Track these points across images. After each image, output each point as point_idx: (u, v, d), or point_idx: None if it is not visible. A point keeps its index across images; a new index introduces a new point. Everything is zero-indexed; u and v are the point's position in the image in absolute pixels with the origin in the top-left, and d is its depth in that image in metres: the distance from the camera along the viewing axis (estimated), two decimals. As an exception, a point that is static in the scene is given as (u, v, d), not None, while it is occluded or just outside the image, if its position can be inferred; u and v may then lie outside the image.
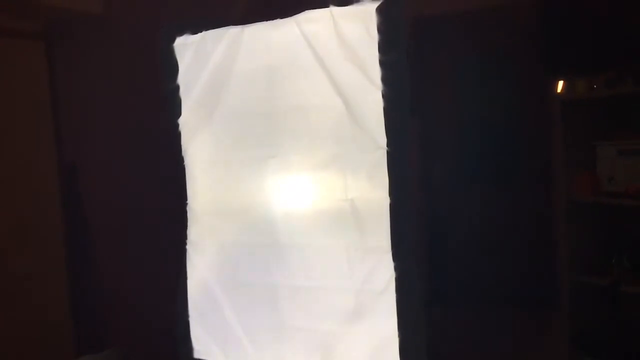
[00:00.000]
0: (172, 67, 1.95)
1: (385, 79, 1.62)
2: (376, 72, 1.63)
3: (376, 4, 1.61)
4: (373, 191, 1.69)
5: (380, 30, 1.61)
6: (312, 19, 1.72)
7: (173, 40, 1.94)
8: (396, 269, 1.67)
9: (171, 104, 1.96)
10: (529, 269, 3.00)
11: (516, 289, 2.99)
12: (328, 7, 1.68)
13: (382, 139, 1.65)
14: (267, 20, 1.79)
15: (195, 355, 2.03)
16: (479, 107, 3.03)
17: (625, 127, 2.74)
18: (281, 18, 1.76)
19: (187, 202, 2.00)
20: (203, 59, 1.90)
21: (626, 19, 2.53)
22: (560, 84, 2.85)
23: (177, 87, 1.96)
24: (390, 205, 1.66)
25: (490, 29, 2.92)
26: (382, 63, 1.62)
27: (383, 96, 1.63)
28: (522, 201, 3.00)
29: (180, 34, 1.93)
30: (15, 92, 2.97)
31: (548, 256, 2.91)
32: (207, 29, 1.88)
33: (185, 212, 1.99)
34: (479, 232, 3.05)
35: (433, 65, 2.90)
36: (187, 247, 2.01)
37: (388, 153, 1.65)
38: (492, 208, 3.08)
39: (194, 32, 1.91)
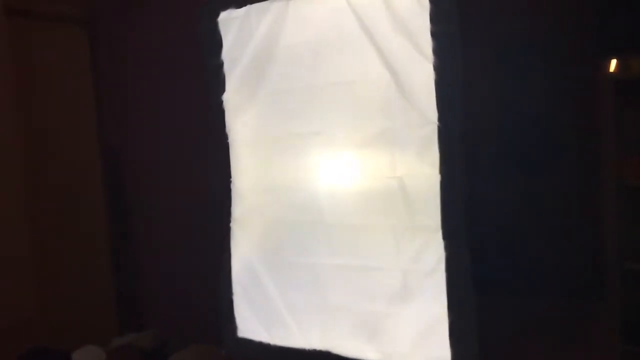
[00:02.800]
0: (215, 43, 1.93)
1: (436, 51, 1.56)
2: (427, 43, 1.58)
3: (427, -28, 1.55)
4: (422, 168, 1.64)
5: (432, -1, 1.55)
6: (359, -11, 1.67)
7: (217, 15, 1.92)
8: (446, 248, 1.62)
9: (215, 81, 1.94)
10: (578, 256, 2.89)
11: (565, 276, 2.89)
12: (377, -24, 1.62)
13: (433, 114, 1.60)
14: (313, -8, 1.74)
15: (240, 334, 2.02)
16: (529, 86, 2.92)
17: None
18: (327, -11, 1.71)
19: (232, 180, 1.98)
20: (247, 34, 1.87)
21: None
22: (614, 63, 2.72)
23: (222, 64, 1.94)
24: (441, 182, 1.61)
25: (542, 4, 2.81)
26: (434, 34, 1.56)
27: (434, 68, 1.57)
28: (572, 184, 2.89)
29: (225, 8, 1.90)
30: (58, 76, 3.00)
31: (599, 242, 2.81)
32: (251, 3, 1.85)
33: (230, 190, 1.97)
34: (526, 217, 2.95)
35: (482, 42, 2.80)
36: (232, 225, 1.99)
37: (439, 128, 1.59)
38: (540, 192, 2.97)
39: (239, 6, 1.88)
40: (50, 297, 2.74)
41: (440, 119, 1.59)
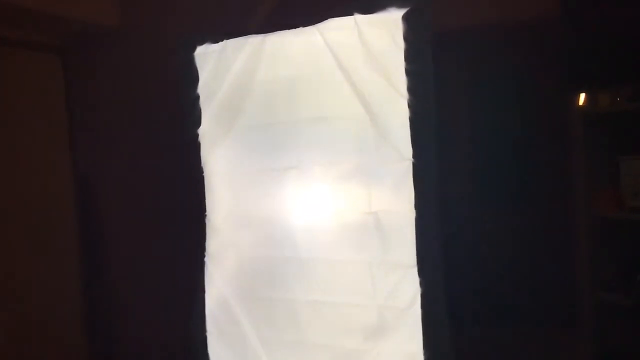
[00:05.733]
0: (192, 77, 1.92)
1: (411, 88, 1.58)
2: (402, 81, 1.59)
3: (402, 12, 1.57)
4: (398, 204, 1.64)
5: (406, 38, 1.57)
6: (335, 27, 1.68)
7: (194, 50, 1.92)
8: (421, 284, 1.62)
9: (191, 115, 1.93)
10: (552, 287, 2.92)
11: (539, 308, 2.91)
12: (352, 15, 1.64)
13: (408, 150, 1.60)
14: (289, 29, 1.76)
15: (213, 372, 1.97)
16: (500, 121, 2.99)
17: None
18: (304, 26, 1.72)
19: (206, 214, 1.96)
20: (224, 69, 1.87)
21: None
22: (582, 97, 2.80)
23: (197, 97, 1.93)
24: (416, 218, 1.61)
25: (512, 42, 2.88)
26: (408, 72, 1.58)
27: (409, 106, 1.59)
28: (544, 218, 2.94)
29: (201, 43, 1.90)
30: (32, 105, 2.97)
31: (571, 274, 2.85)
32: (228, 38, 1.85)
33: (204, 225, 1.95)
34: (501, 249, 2.98)
35: (454, 78, 2.87)
36: (206, 260, 1.96)
37: (414, 165, 1.60)
38: (514, 225, 3.01)
39: (215, 41, 1.88)
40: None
41: (414, 155, 1.60)
